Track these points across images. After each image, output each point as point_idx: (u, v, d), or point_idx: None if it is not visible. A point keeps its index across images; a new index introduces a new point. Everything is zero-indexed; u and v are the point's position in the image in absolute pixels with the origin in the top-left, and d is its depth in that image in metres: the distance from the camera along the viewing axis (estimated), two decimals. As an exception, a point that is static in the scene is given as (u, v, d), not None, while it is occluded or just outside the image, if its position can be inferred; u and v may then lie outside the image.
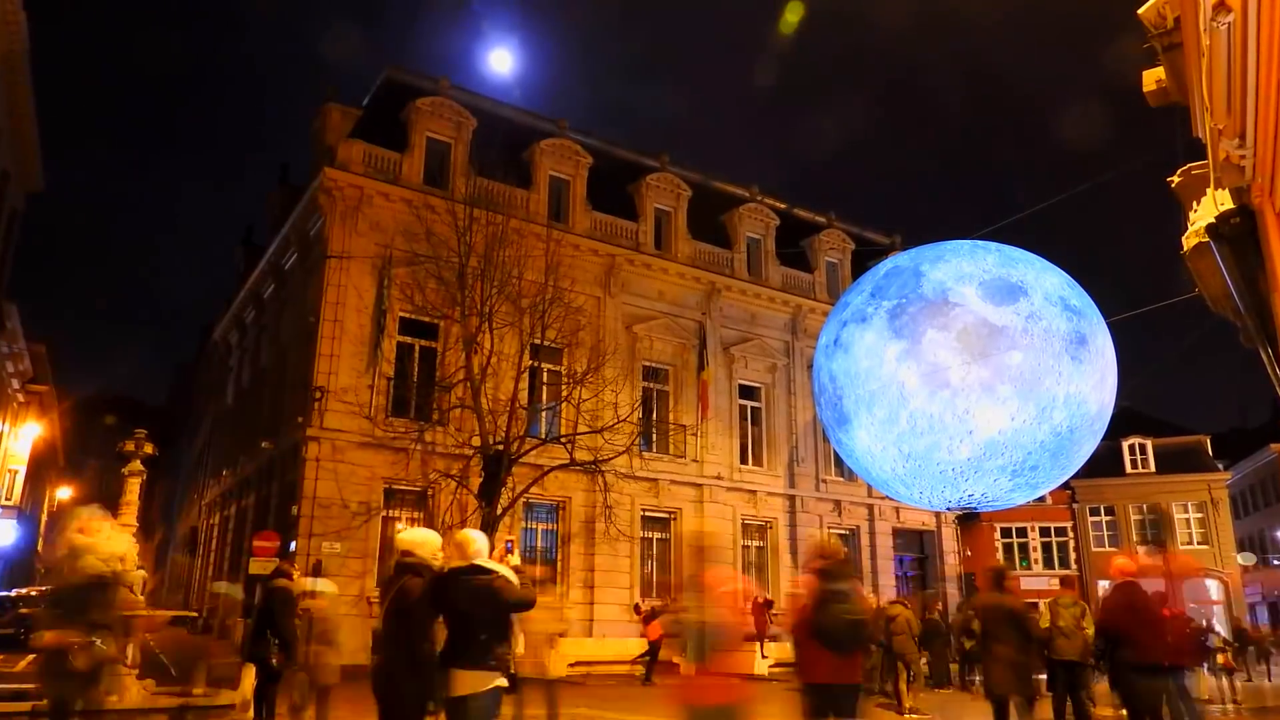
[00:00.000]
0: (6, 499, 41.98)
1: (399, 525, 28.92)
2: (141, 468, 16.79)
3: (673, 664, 10.64)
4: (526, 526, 30.96)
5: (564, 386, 29.91)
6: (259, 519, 31.55)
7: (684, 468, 35.00)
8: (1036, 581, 49.63)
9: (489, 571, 7.49)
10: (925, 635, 23.01)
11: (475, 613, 7.31)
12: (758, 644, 28.89)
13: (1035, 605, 20.74)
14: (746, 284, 38.47)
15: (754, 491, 36.70)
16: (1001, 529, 57.12)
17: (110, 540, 9.39)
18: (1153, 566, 36.53)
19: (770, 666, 28.01)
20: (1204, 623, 26.05)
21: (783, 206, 42.81)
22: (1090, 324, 14.84)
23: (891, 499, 30.52)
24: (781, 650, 27.78)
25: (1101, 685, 15.25)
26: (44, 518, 58.98)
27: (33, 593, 31.23)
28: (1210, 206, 11.01)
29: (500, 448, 26.17)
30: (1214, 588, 54.23)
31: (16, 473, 42.67)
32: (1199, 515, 56.04)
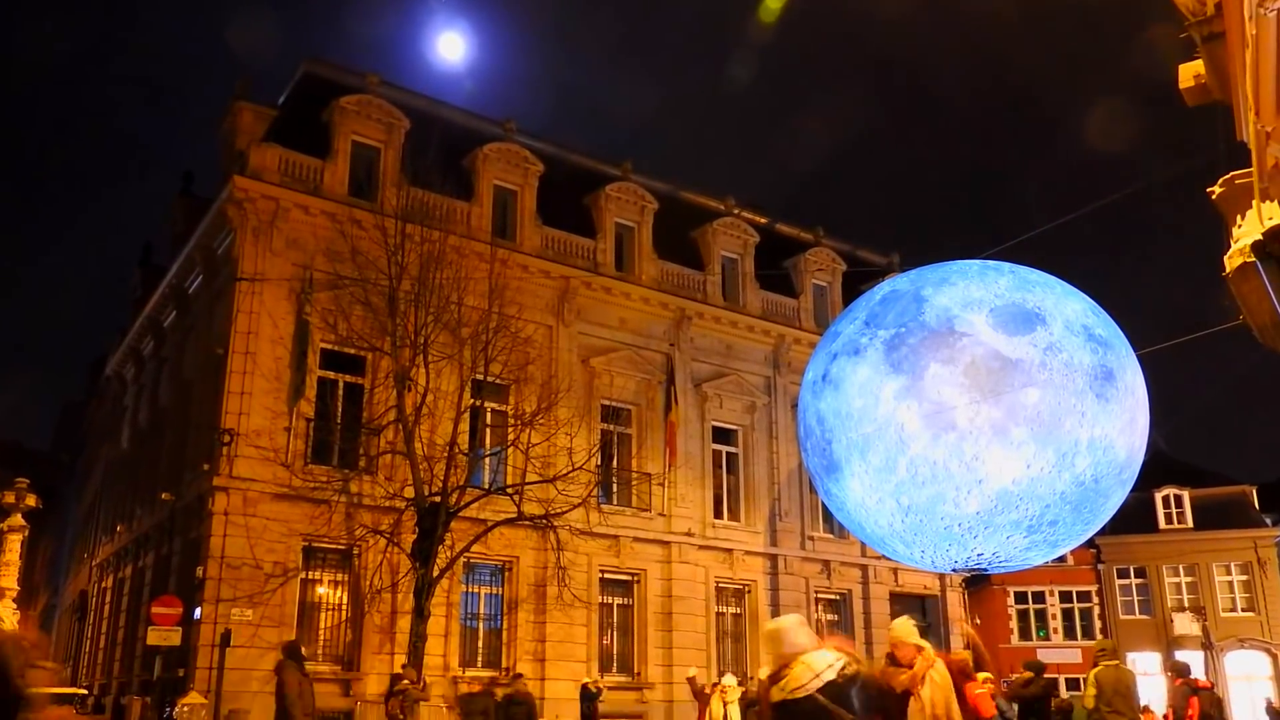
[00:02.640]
0: None
1: (320, 589, 28.68)
2: (23, 522, 16.51)
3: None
4: (467, 590, 30.68)
5: (510, 429, 29.74)
6: (158, 582, 31.13)
7: (649, 523, 34.75)
8: (1056, 654, 49.42)
9: None
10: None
11: None
12: None
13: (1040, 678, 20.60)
14: (721, 311, 38.36)
15: (730, 550, 36.48)
16: (1015, 593, 57.05)
17: None
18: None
19: None
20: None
21: (763, 222, 42.83)
22: (1118, 357, 14.71)
23: (889, 559, 30.37)
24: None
25: None
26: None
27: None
28: (1256, 221, 10.92)
29: (437, 499, 25.97)
30: (1263, 661, 54.13)
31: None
32: (1243, 577, 55.84)
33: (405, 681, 23.50)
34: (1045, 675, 19.85)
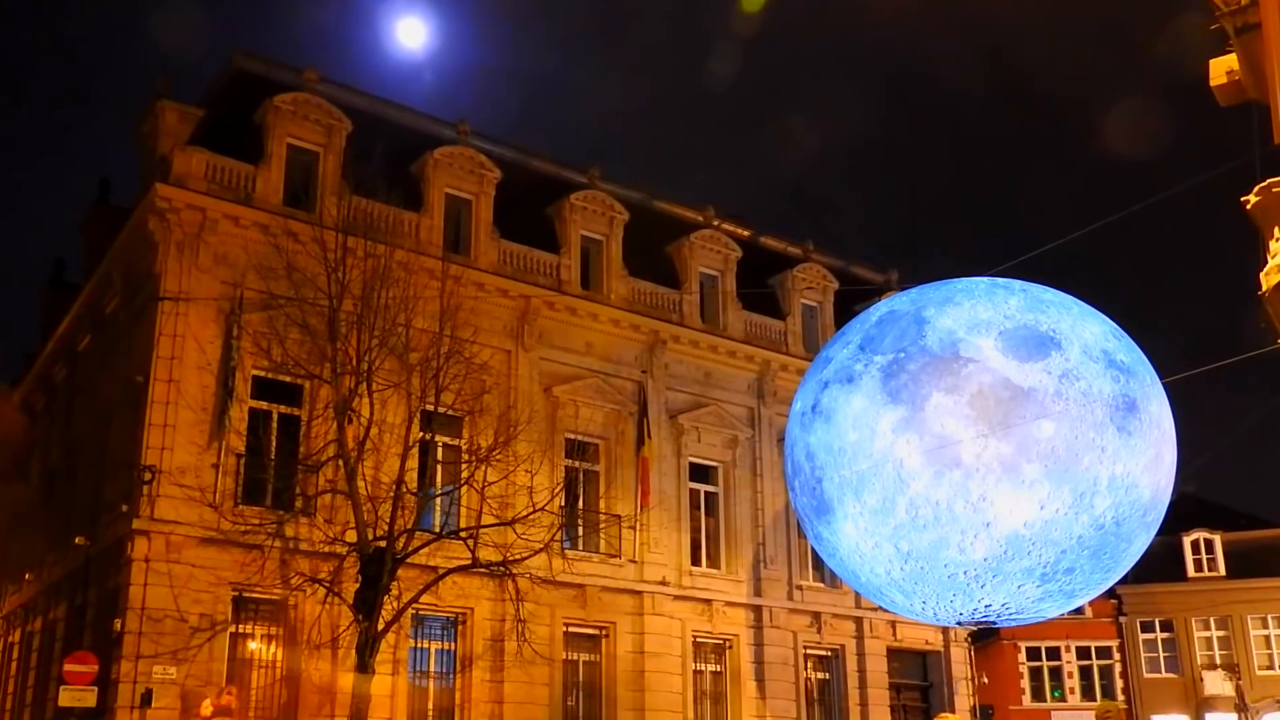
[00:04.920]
0: None
1: (252, 644, 28.43)
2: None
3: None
4: (416, 645, 30.51)
5: (464, 466, 29.61)
6: (72, 636, 30.94)
7: (619, 570, 34.62)
8: (1072, 716, 49.26)
9: None
10: None
11: None
12: None
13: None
14: (699, 334, 38.30)
15: (709, 601, 36.35)
16: (1028, 649, 56.91)
17: None
18: None
19: None
20: None
21: (746, 235, 42.85)
22: (1142, 386, 14.66)
23: (886, 611, 30.26)
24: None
25: None
26: None
27: None
28: (1296, 234, 10.86)
29: (382, 544, 25.81)
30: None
31: None
32: (1283, 632, 55.65)
33: None
34: None
